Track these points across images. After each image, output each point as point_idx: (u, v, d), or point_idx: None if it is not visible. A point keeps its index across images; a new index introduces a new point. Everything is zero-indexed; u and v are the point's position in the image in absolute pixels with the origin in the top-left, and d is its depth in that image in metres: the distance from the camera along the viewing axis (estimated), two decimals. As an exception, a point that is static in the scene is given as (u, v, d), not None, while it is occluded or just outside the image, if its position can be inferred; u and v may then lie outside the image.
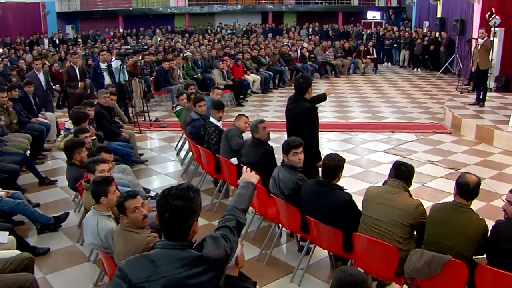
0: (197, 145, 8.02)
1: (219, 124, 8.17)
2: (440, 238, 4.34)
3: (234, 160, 7.29)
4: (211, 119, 8.22)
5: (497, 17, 15.17)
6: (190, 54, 17.54)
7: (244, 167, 3.83)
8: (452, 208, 4.43)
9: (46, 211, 7.42)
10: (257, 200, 6.11)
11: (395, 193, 4.68)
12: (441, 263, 4.14)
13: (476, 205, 7.61)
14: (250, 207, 6.57)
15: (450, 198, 7.80)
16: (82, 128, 7.42)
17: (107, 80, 12.37)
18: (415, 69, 22.68)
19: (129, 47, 14.76)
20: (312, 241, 5.42)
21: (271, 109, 14.44)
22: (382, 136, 11.52)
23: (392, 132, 11.79)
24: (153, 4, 33.31)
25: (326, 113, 13.97)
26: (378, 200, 4.72)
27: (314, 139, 6.54)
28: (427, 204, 7.60)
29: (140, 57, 12.96)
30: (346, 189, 5.15)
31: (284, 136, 11.32)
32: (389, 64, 24.66)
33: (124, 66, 12.09)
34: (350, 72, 21.95)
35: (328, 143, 11.05)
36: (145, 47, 13.66)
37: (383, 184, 4.89)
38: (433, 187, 8.35)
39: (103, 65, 12.49)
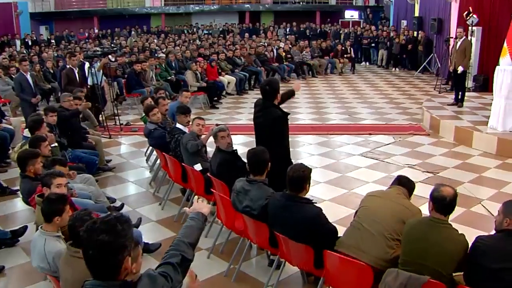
0: (163, 153, 7.62)
1: (186, 130, 7.72)
2: (417, 257, 3.98)
3: (198, 166, 6.91)
4: (178, 125, 7.77)
5: (474, 16, 15.01)
6: (163, 55, 17.06)
7: (196, 197, 3.49)
8: (429, 224, 4.06)
9: (5, 224, 7.02)
10: (224, 212, 5.74)
11: (399, 194, 4.65)
12: (418, 285, 3.78)
13: (455, 211, 7.35)
14: (218, 219, 6.21)
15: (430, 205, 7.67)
16: (38, 137, 6.95)
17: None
18: (393, 69, 22.51)
19: (97, 48, 14.29)
20: (281, 257, 5.05)
21: (245, 111, 14.04)
22: (359, 138, 11.19)
23: (370, 134, 11.47)
24: (129, 4, 32.76)
25: (302, 115, 13.66)
26: (380, 195, 4.69)
27: (286, 149, 6.12)
28: None
29: (108, 59, 12.49)
30: (316, 202, 4.76)
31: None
32: (367, 63, 24.50)
33: (94, 68, 11.66)
34: (328, 72, 21.68)
35: (304, 147, 10.70)
36: (114, 48, 13.20)
37: None
38: (411, 193, 8.02)
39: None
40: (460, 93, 13.03)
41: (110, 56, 12.92)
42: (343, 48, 21.94)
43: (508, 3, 14.55)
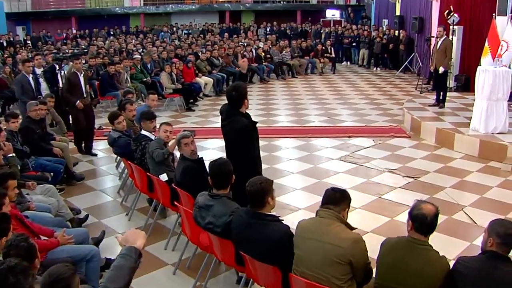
0: (129, 162, 7.20)
1: (153, 137, 7.28)
2: (394, 281, 3.60)
3: (164, 177, 6.50)
4: (144, 132, 7.33)
5: (455, 15, 14.76)
6: (139, 56, 16.58)
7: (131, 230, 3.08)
8: (407, 246, 3.67)
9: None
10: (188, 226, 5.34)
11: (327, 226, 3.92)
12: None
13: (436, 219, 7.06)
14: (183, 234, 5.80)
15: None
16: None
17: (44, 86, 11.36)
18: (375, 68, 22.22)
19: (66, 50, 13.82)
20: (248, 277, 4.66)
21: (223, 114, 13.64)
22: (338, 141, 10.84)
23: (349, 137, 11.12)
24: (107, 4, 32.18)
25: (281, 117, 13.28)
26: (309, 236, 3.95)
27: (254, 160, 5.62)
28: (384, 220, 7.11)
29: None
30: (282, 219, 4.35)
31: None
32: (348, 63, 24.20)
33: (63, 71, 11.19)
34: (308, 72, 21.32)
35: (282, 151, 10.33)
36: (85, 50, 12.72)
37: (316, 215, 4.10)
38: (391, 200, 7.67)
39: (38, 71, 11.45)
40: (441, 93, 12.74)
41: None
42: (323, 47, 21.60)
43: (489, 1, 14.31)
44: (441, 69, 12.34)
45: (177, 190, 5.93)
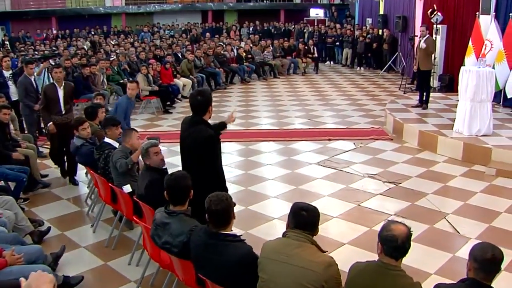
0: (92, 171, 6.78)
1: (116, 145, 6.81)
2: (363, 309, 3.23)
3: (127, 188, 6.07)
4: (107, 140, 6.84)
5: (439, 13, 14.50)
6: (115, 57, 16.12)
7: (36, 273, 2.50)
8: (377, 271, 3.27)
9: None
10: (149, 242, 4.93)
11: (297, 247, 3.52)
12: None
13: (417, 228, 6.68)
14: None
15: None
16: None
17: (12, 89, 10.88)
18: (358, 68, 21.91)
19: (44, 51, 13.35)
20: (212, 300, 4.26)
21: (200, 116, 13.23)
22: (318, 145, 10.46)
23: (329, 140, 10.75)
24: (88, 4, 31.62)
25: (260, 119, 12.90)
26: (276, 258, 3.55)
27: (219, 174, 5.14)
28: (363, 230, 6.75)
29: (49, 63, 11.56)
30: (244, 239, 3.94)
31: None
32: (332, 63, 23.86)
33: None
34: (290, 72, 20.94)
35: (259, 156, 9.93)
36: (56, 52, 12.24)
37: (283, 236, 3.71)
38: (370, 208, 7.29)
39: (6, 73, 10.97)
40: (424, 94, 12.41)
41: (51, 60, 11.97)
42: (306, 47, 21.24)
43: (472, 0, 13.99)
44: (422, 67, 12.06)
45: (139, 204, 5.53)
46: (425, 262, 5.75)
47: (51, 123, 8.39)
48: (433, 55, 12.74)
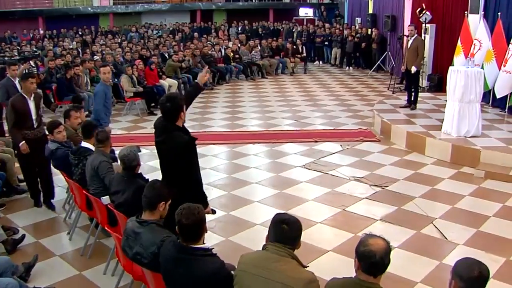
0: (67, 176, 6.53)
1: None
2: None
3: (106, 200, 5.77)
4: (85, 144, 6.56)
5: (427, 12, 14.35)
6: (99, 58, 15.84)
7: None
8: (355, 288, 3.07)
9: None
10: (121, 253, 4.70)
11: (276, 262, 3.29)
12: None
13: (403, 234, 6.48)
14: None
15: (375, 226, 6.76)
16: None
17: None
18: (347, 68, 21.70)
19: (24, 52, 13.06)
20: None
21: (186, 118, 12.96)
22: (304, 147, 10.24)
23: (316, 141, 10.54)
24: (76, 4, 31.28)
25: (246, 120, 12.67)
26: (254, 272, 3.32)
27: (197, 179, 4.87)
28: (347, 236, 6.52)
29: (30, 65, 11.32)
30: (215, 253, 3.70)
31: (200, 151, 10.06)
32: (321, 62, 23.62)
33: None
34: (279, 72, 20.71)
35: (243, 158, 9.70)
36: (37, 53, 11.96)
37: (262, 248, 3.48)
38: (355, 213, 7.08)
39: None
40: (413, 94, 12.22)
41: (31, 62, 11.72)
42: (294, 47, 21.03)
43: (461, -1, 13.86)
44: (413, 69, 11.84)
45: (114, 212, 5.30)
46: (411, 270, 5.55)
47: (23, 142, 7.22)
48: (423, 56, 12.56)
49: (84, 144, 6.55)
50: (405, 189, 7.90)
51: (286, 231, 3.34)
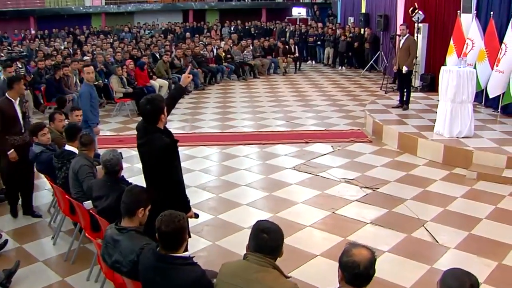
0: (51, 180, 6.39)
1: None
2: None
3: (88, 204, 5.63)
4: (68, 147, 6.41)
5: (420, 12, 14.26)
6: (88, 58, 15.65)
7: None
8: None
9: None
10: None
11: (257, 272, 3.15)
12: None
13: (394, 237, 6.36)
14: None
15: (365, 230, 6.64)
16: None
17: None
18: (340, 67, 21.57)
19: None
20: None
21: (175, 118, 12.81)
22: (294, 148, 10.11)
23: (306, 142, 10.41)
24: (67, 4, 31.05)
25: (236, 121, 12.52)
26: (234, 282, 3.19)
27: (179, 183, 4.69)
28: (337, 240, 6.36)
29: (17, 66, 11.17)
30: (196, 262, 3.56)
31: (184, 153, 9.97)
32: (313, 62, 23.48)
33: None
34: (271, 72, 20.54)
35: (232, 160, 9.56)
36: (23, 53, 11.77)
37: (244, 258, 3.34)
38: (345, 216, 6.96)
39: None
40: (405, 94, 12.10)
41: (18, 63, 11.57)
42: (286, 46, 20.88)
43: (454, -2, 13.76)
44: (404, 69, 11.74)
45: (97, 219, 5.16)
46: (401, 274, 5.44)
47: (12, 150, 6.86)
48: (415, 56, 12.46)
49: (67, 147, 6.40)
50: (396, 191, 7.78)
51: (266, 240, 3.20)
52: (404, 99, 12.09)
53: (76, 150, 6.34)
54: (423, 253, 5.91)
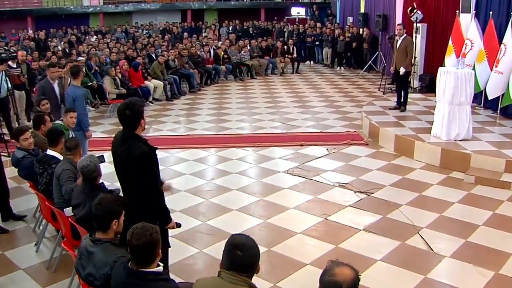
0: (34, 186, 6.19)
1: (61, 157, 6.18)
2: None
3: (69, 211, 5.40)
4: (50, 152, 6.19)
5: (419, 11, 14.08)
6: (83, 59, 15.42)
7: None
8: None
9: None
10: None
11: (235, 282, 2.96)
12: None
13: (388, 245, 6.12)
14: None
15: (357, 237, 6.41)
16: None
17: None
18: (338, 68, 21.33)
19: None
20: None
21: (169, 120, 12.62)
22: (288, 151, 9.88)
23: (301, 145, 10.19)
24: (65, 3, 30.85)
25: (231, 123, 12.30)
26: None
27: (158, 192, 4.46)
28: (328, 248, 6.16)
29: (9, 66, 10.94)
30: (168, 277, 3.34)
31: (176, 155, 9.78)
32: (312, 62, 23.23)
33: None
34: (268, 73, 20.31)
35: (223, 164, 9.34)
36: (14, 54, 11.55)
37: (218, 275, 3.11)
38: (338, 222, 6.73)
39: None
40: (402, 95, 11.87)
41: (10, 62, 11.34)
42: (285, 46, 20.64)
43: (452, -3, 13.55)
44: (402, 70, 11.50)
45: (77, 227, 4.95)
46: (394, 285, 5.24)
47: None
48: (412, 57, 12.24)
49: (49, 152, 6.18)
50: (392, 196, 7.55)
51: (240, 257, 2.97)
52: (402, 100, 11.86)
53: (58, 155, 6.14)
54: (417, 262, 5.68)
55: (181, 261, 5.78)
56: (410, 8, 14.40)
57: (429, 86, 14.13)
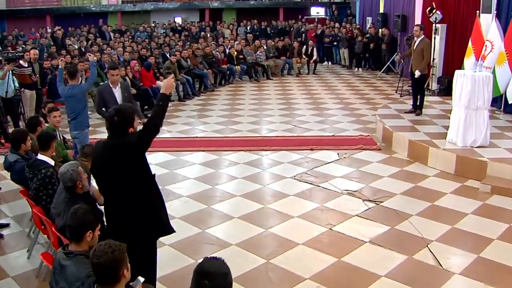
0: (23, 193, 5.97)
1: (52, 162, 5.93)
2: None
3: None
4: (41, 157, 5.93)
5: (438, 12, 13.67)
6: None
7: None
8: None
9: None
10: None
11: None
12: None
13: (393, 260, 5.75)
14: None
15: (362, 250, 6.06)
16: None
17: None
18: (356, 69, 20.91)
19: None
20: None
21: (179, 122, 12.37)
22: (298, 155, 9.55)
23: (311, 149, 9.86)
24: (84, 2, 30.89)
25: (241, 125, 12.02)
26: None
27: (150, 199, 4.24)
28: (330, 261, 5.72)
29: (14, 65, 10.81)
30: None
31: (182, 159, 9.51)
32: (329, 63, 22.84)
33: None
34: (284, 73, 19.96)
35: (228, 168, 9.05)
36: (21, 53, 11.41)
37: None
38: (343, 233, 6.39)
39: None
40: (418, 99, 11.47)
41: (21, 62, 11.23)
42: (304, 47, 20.26)
43: (473, -3, 13.11)
44: (417, 73, 11.11)
45: (61, 237, 4.70)
46: (398, 304, 4.88)
47: None
48: (429, 60, 11.83)
49: (40, 156, 5.93)
50: (402, 206, 7.19)
51: (207, 287, 2.67)
52: (418, 103, 11.46)
53: (49, 160, 5.90)
54: (424, 279, 5.33)
55: (176, 272, 5.52)
56: (429, 8, 13.99)
57: (447, 88, 13.65)
